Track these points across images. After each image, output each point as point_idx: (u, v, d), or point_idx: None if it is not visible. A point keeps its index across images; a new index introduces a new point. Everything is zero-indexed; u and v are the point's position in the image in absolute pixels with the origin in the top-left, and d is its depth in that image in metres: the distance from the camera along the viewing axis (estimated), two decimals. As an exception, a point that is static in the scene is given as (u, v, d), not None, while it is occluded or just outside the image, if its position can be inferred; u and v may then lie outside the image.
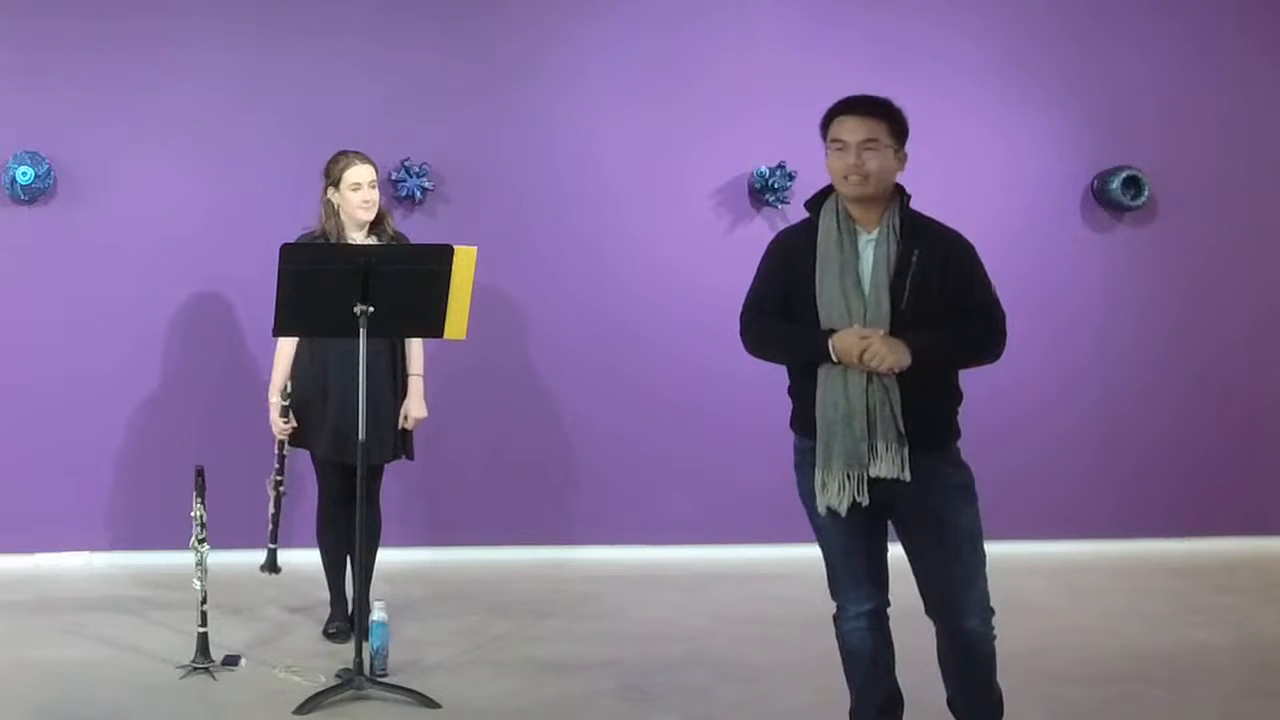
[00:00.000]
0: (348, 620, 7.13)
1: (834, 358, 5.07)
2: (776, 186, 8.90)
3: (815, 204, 5.36)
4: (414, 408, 7.13)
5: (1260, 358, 9.58)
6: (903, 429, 5.13)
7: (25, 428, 8.51)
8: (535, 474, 8.97)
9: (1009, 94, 9.29)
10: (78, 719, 6.03)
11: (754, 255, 8.79)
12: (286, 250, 6.20)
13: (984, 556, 5.49)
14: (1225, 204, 9.50)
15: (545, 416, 8.96)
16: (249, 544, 7.77)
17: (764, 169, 8.91)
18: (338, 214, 7.00)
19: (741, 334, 5.52)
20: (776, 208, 8.98)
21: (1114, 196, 9.26)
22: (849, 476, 5.16)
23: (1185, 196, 9.45)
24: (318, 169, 7.61)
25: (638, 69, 8.96)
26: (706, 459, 9.09)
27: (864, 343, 4.99)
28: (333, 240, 6.92)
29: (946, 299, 5.18)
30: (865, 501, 5.16)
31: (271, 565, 7.11)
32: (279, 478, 7.04)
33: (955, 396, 5.42)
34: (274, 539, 7.07)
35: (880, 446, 5.13)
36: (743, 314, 5.54)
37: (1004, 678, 6.62)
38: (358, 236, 6.98)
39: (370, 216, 6.99)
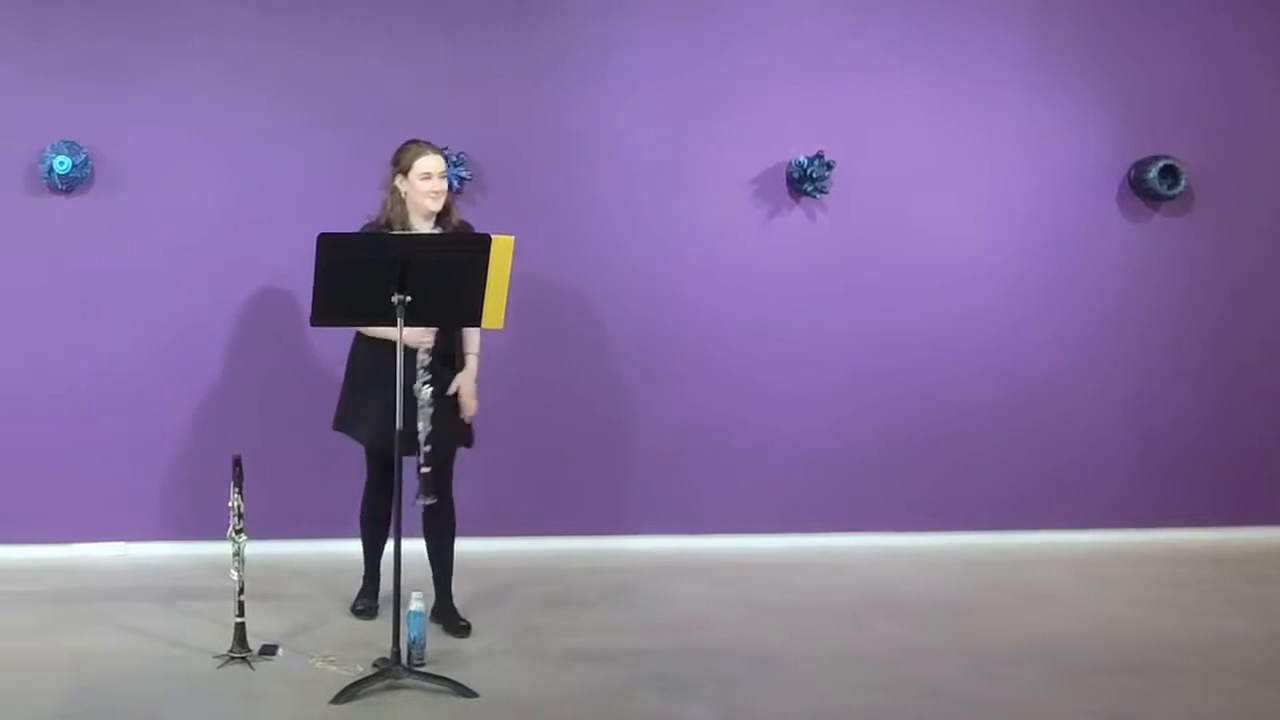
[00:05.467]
0: (377, 600, 7.27)
1: None
2: (815, 176, 8.87)
3: None
4: (466, 387, 7.09)
5: (1299, 347, 9.58)
6: None
7: (61, 418, 8.54)
8: (567, 465, 8.97)
9: (1045, 82, 9.25)
10: (115, 709, 6.03)
11: (793, 245, 8.94)
12: (324, 240, 6.18)
13: None
14: (1262, 193, 9.47)
15: (577, 407, 8.96)
16: (286, 534, 7.83)
17: (802, 158, 8.88)
18: (404, 202, 6.98)
19: None
20: (815, 198, 8.97)
21: (1151, 186, 9.21)
22: None
23: (1222, 186, 9.42)
24: (354, 160, 7.62)
25: (675, 58, 8.93)
26: (737, 451, 9.09)
27: None
28: (396, 229, 6.91)
29: None
30: None
31: (427, 492, 6.74)
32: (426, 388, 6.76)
33: None
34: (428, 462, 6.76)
35: None
36: None
37: (1033, 667, 6.68)
38: (424, 226, 6.96)
39: (438, 207, 6.97)
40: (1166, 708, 6.28)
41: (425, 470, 6.69)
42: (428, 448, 6.69)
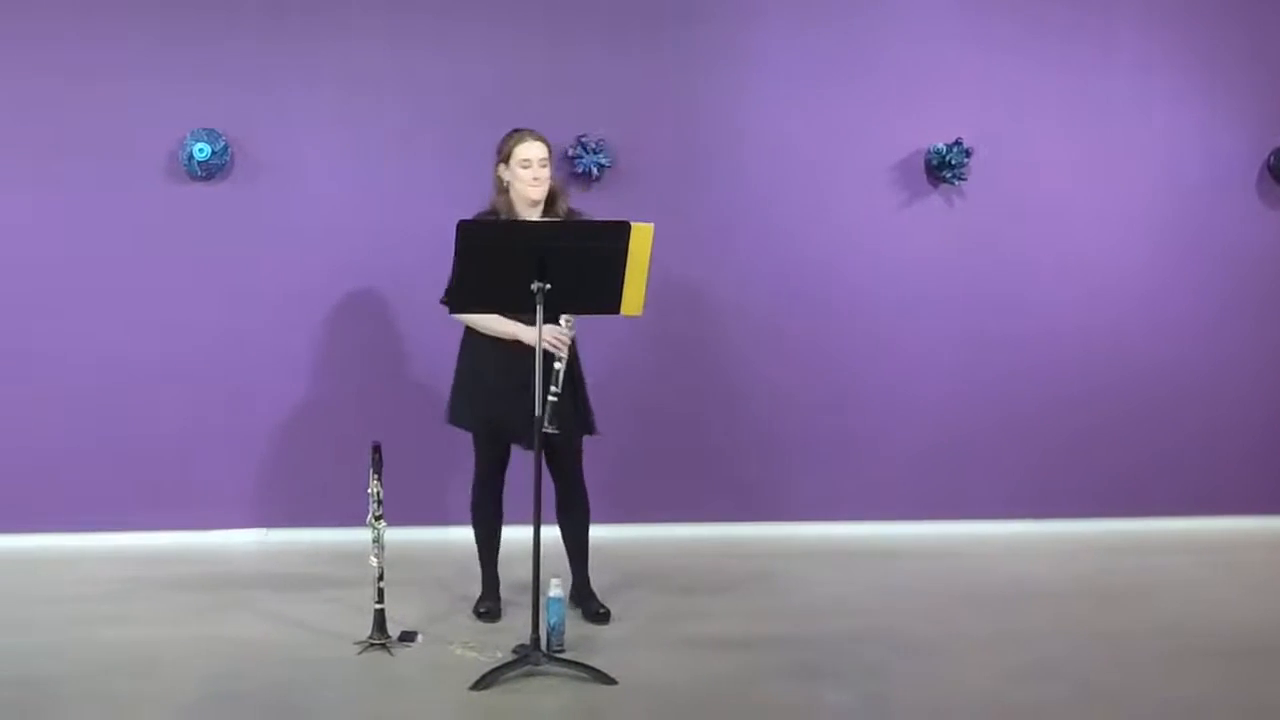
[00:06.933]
0: (499, 601, 7.24)
1: None
2: (953, 163, 8.83)
3: None
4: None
5: None
6: None
7: (200, 404, 8.63)
8: (702, 452, 8.96)
9: (1177, 75, 9.21)
10: (255, 694, 6.07)
11: (931, 232, 8.88)
12: (464, 227, 6.18)
13: None
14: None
15: (714, 394, 8.95)
16: (424, 520, 7.84)
17: (940, 146, 8.86)
18: (507, 191, 6.96)
19: None
20: (953, 184, 8.93)
21: (1289, 171, 9.15)
22: None
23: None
24: (487, 158, 7.62)
25: (816, 48, 8.91)
26: (876, 434, 9.08)
27: None
28: (503, 218, 6.91)
29: None
30: None
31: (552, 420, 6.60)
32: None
33: None
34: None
35: None
36: None
37: (1149, 650, 6.64)
38: (531, 214, 6.93)
39: (538, 195, 6.92)
40: (1272, 695, 6.22)
41: (553, 398, 6.57)
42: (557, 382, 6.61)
